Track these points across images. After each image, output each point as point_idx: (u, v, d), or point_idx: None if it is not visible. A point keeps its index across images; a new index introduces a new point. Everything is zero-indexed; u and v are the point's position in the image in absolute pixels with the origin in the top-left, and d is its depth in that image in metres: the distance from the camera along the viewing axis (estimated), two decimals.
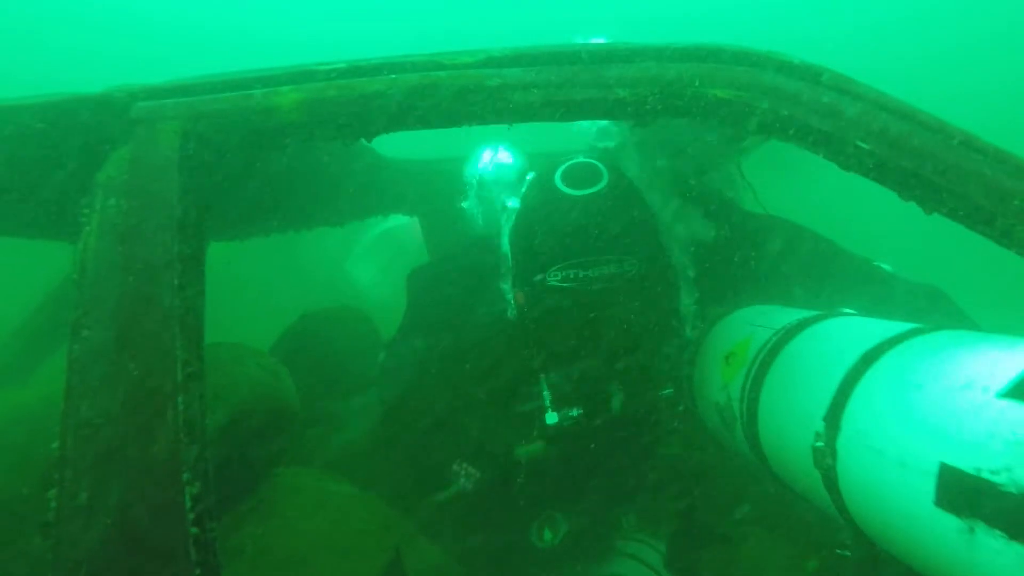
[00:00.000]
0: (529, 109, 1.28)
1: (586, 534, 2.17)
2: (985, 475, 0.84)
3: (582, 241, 1.83)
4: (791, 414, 1.37)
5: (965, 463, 0.87)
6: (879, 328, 1.26)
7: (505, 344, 2.05)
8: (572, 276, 1.84)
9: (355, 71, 1.34)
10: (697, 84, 1.24)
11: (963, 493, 0.86)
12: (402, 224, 3.69)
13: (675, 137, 2.10)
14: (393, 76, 1.32)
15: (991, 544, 0.83)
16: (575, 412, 1.99)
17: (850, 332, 1.34)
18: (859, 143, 1.18)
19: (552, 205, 1.90)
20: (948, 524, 0.89)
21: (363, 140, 2.48)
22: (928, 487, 0.93)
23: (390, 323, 2.51)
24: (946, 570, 0.94)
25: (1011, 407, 0.84)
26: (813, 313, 1.59)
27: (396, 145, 2.82)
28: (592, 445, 2.04)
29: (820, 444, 1.21)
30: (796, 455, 1.31)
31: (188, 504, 1.14)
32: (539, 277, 1.89)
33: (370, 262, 5.20)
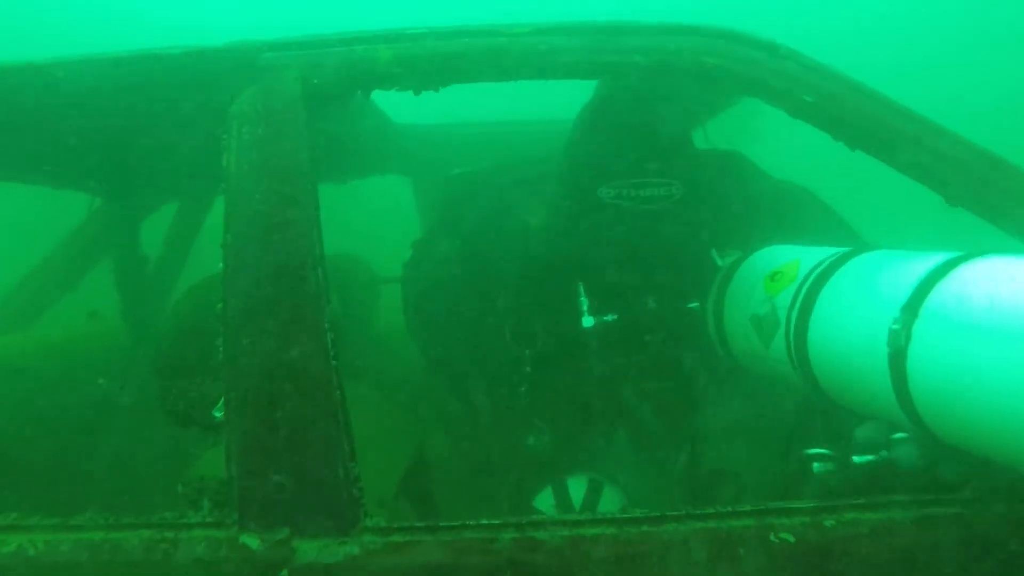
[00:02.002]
0: (569, 68, 1.74)
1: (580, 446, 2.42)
2: None
3: (636, 163, 2.11)
4: (859, 311, 1.51)
5: None
6: (938, 254, 1.44)
7: (544, 250, 2.33)
8: (625, 194, 2.13)
9: (435, 35, 1.77)
10: (691, 53, 1.72)
11: None
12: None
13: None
14: (466, 39, 1.76)
15: None
16: (610, 317, 2.23)
17: (913, 255, 1.49)
18: (804, 97, 1.68)
19: (612, 127, 2.18)
20: None
21: (373, 101, 2.88)
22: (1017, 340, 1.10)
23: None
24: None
25: None
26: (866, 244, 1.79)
27: (397, 108, 3.24)
28: (620, 352, 2.29)
29: (896, 327, 1.35)
30: (860, 344, 1.48)
31: (329, 345, 1.55)
32: (592, 190, 2.15)
33: None
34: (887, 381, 1.39)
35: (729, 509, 1.44)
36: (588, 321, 2.22)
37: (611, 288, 2.27)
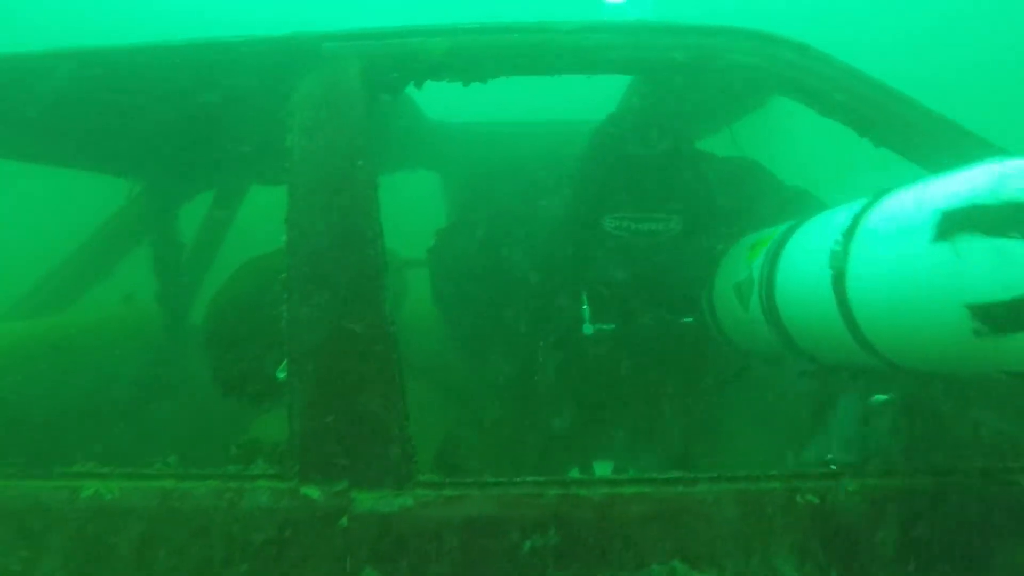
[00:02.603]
0: (612, 64, 1.86)
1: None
2: (967, 205, 1.17)
3: (637, 197, 2.29)
4: (810, 247, 1.68)
5: (959, 204, 1.19)
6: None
7: (555, 259, 2.52)
8: (624, 227, 2.32)
9: (486, 29, 1.89)
10: (728, 52, 1.84)
11: (956, 222, 1.18)
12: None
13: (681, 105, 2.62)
14: (516, 34, 1.87)
15: (968, 244, 1.14)
16: (609, 327, 2.42)
17: (855, 201, 1.61)
18: (835, 96, 1.79)
19: (617, 159, 2.36)
20: (938, 251, 1.19)
21: (410, 97, 3.00)
22: (927, 231, 1.22)
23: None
24: (935, 290, 1.21)
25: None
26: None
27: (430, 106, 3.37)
28: (618, 358, 2.47)
29: (837, 248, 1.49)
30: (810, 273, 1.61)
31: (387, 311, 1.66)
32: (597, 218, 2.35)
33: None
34: (833, 301, 1.50)
35: (759, 473, 1.54)
36: (588, 329, 2.41)
37: (610, 303, 2.45)
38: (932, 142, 1.76)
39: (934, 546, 1.46)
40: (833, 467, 1.60)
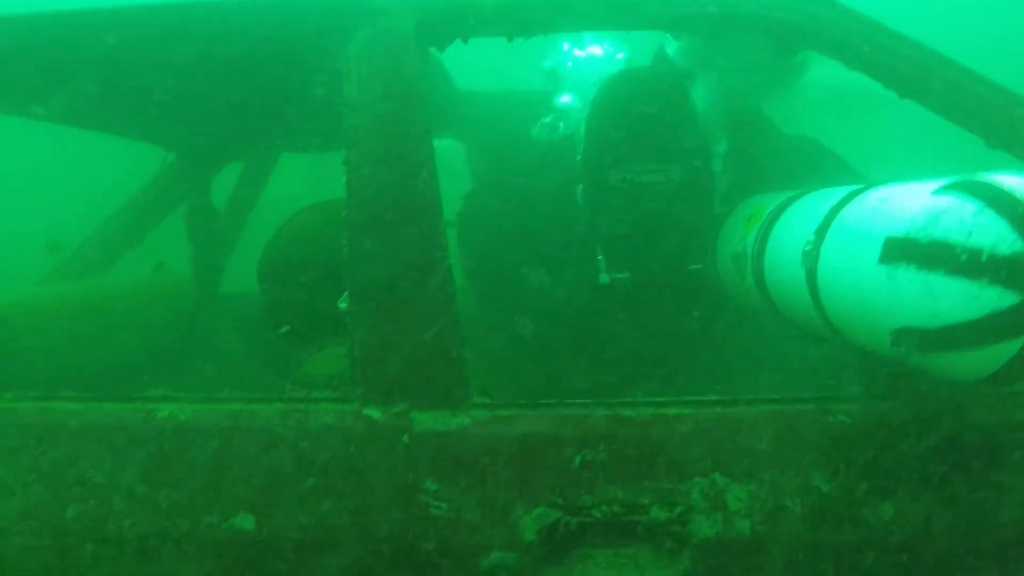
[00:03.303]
0: (652, 19, 1.96)
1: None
2: (907, 235, 1.30)
3: (639, 150, 2.42)
4: (791, 236, 1.81)
5: (899, 233, 1.33)
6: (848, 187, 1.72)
7: (569, 215, 2.68)
8: (628, 179, 2.45)
9: None
10: (760, 6, 1.94)
11: (896, 251, 1.33)
12: (447, 145, 4.26)
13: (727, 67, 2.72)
14: None
15: (904, 274, 1.28)
16: (623, 276, 2.59)
17: (840, 190, 1.76)
18: (863, 48, 1.89)
19: (620, 115, 2.49)
20: (880, 272, 1.34)
21: (442, 64, 3.10)
22: (876, 251, 1.36)
23: None
24: (876, 304, 1.36)
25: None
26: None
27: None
28: (634, 305, 2.63)
29: (808, 248, 1.65)
30: (790, 266, 1.75)
31: (443, 243, 1.77)
32: (601, 174, 2.49)
33: None
34: (808, 294, 1.65)
35: (793, 395, 1.65)
36: (605, 278, 2.59)
37: (623, 253, 2.61)
38: (952, 93, 1.86)
39: (955, 456, 1.56)
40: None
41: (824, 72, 2.44)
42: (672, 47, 2.75)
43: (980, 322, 1.22)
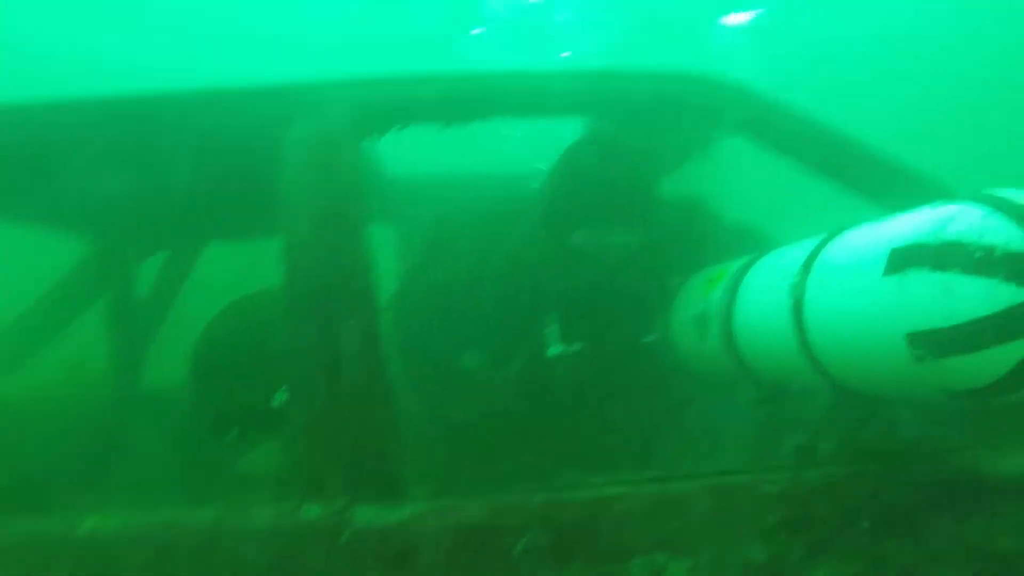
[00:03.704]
0: (577, 106, 2.07)
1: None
2: (915, 243, 1.32)
3: (603, 212, 2.45)
4: (768, 278, 1.84)
5: (906, 243, 1.35)
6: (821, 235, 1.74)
7: (520, 283, 2.63)
8: (592, 241, 2.48)
9: (466, 77, 2.08)
10: (679, 94, 2.06)
11: (905, 258, 1.34)
12: None
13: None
14: (492, 82, 2.07)
15: (915, 278, 1.30)
16: (575, 348, 2.57)
17: (809, 239, 1.78)
18: (775, 130, 2.03)
19: (584, 179, 2.51)
20: (889, 282, 1.35)
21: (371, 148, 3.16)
22: (880, 265, 1.37)
23: None
24: (884, 321, 1.36)
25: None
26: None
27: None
28: (586, 376, 2.59)
29: (795, 280, 1.65)
30: (769, 304, 1.77)
31: (380, 338, 1.78)
32: (564, 235, 2.50)
33: None
34: (792, 331, 1.65)
35: (726, 469, 1.70)
36: (555, 350, 2.56)
37: (577, 322, 2.59)
38: (863, 171, 2.01)
39: (883, 521, 1.62)
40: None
41: None
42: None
43: (996, 317, 1.23)
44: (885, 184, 2.04)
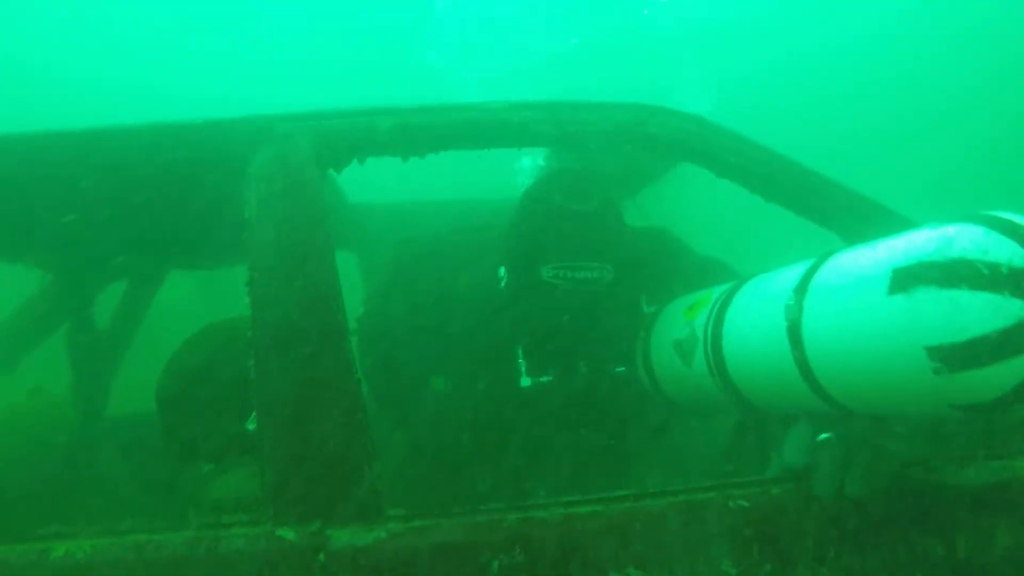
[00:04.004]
0: (538, 137, 2.11)
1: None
2: (921, 261, 1.36)
3: (574, 246, 2.45)
4: (760, 303, 1.85)
5: (910, 262, 1.38)
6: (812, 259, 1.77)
7: (489, 315, 2.66)
8: (562, 275, 2.45)
9: (424, 110, 2.12)
10: (638, 124, 2.13)
11: (910, 277, 1.37)
12: None
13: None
14: (452, 114, 2.10)
15: (923, 295, 1.32)
16: (546, 379, 2.58)
17: (803, 262, 1.80)
18: (729, 159, 2.10)
19: (554, 213, 2.52)
20: (894, 301, 1.38)
21: (334, 180, 3.19)
22: (884, 284, 1.41)
23: None
24: (889, 338, 1.39)
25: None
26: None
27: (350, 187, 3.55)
28: (556, 408, 2.62)
29: (791, 303, 1.67)
30: (764, 327, 1.78)
31: (351, 361, 1.80)
32: (534, 269, 2.49)
33: None
34: (788, 352, 1.67)
35: (696, 485, 1.74)
36: (526, 381, 2.57)
37: (548, 353, 2.62)
38: (814, 198, 2.08)
39: (848, 536, 1.67)
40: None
41: None
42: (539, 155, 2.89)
43: (1006, 332, 1.26)
44: (843, 212, 2.12)
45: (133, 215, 2.72)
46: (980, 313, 1.28)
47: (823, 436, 1.77)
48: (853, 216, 2.08)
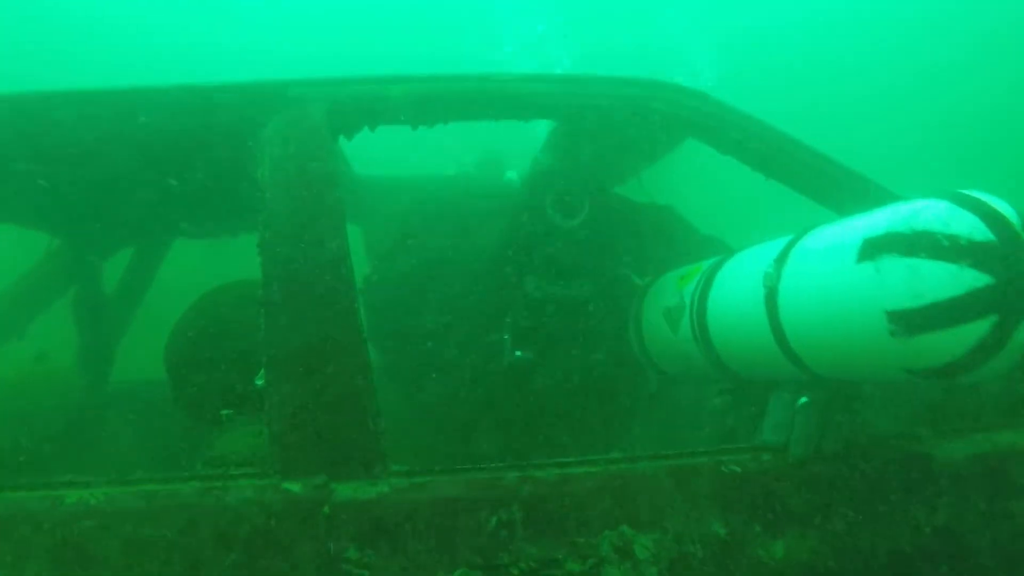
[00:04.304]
0: (545, 109, 2.15)
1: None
2: (888, 232, 1.43)
3: (552, 263, 2.60)
4: (743, 272, 1.95)
5: (880, 231, 1.46)
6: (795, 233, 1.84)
7: (485, 291, 2.79)
8: (541, 288, 2.61)
9: (436, 78, 2.15)
10: (643, 100, 2.16)
11: (878, 246, 1.45)
12: None
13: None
14: (462, 83, 2.14)
15: (887, 263, 1.41)
16: (528, 355, 2.68)
17: (783, 237, 1.87)
18: (732, 135, 2.14)
19: (540, 227, 2.65)
20: (862, 268, 1.46)
21: (342, 151, 3.23)
22: (854, 253, 1.49)
23: None
24: (859, 306, 1.47)
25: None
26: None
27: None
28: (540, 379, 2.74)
29: (770, 271, 1.75)
30: (744, 293, 1.87)
31: (358, 320, 1.85)
32: (518, 276, 2.65)
33: None
34: (764, 317, 1.76)
35: (689, 450, 1.79)
36: (515, 354, 2.68)
37: (530, 338, 2.72)
38: (811, 173, 2.13)
39: (835, 500, 1.73)
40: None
41: None
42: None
43: (959, 299, 1.35)
44: (842, 191, 2.16)
45: (142, 178, 2.76)
46: (937, 280, 1.36)
47: (802, 400, 1.84)
48: (851, 195, 2.13)
